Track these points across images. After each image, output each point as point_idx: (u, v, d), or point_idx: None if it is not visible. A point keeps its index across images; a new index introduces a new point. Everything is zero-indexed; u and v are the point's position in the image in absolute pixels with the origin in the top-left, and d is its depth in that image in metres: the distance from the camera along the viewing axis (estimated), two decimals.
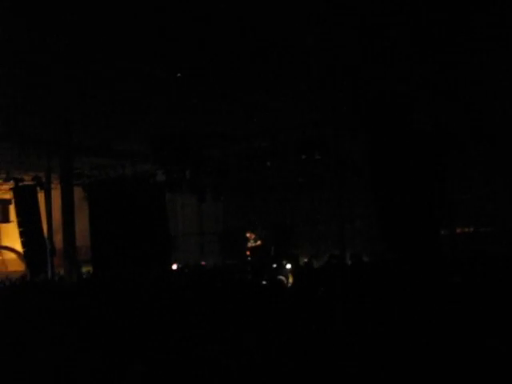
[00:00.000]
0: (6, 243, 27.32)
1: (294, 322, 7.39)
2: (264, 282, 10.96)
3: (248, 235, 21.17)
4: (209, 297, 9.37)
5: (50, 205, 20.56)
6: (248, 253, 20.90)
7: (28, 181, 21.04)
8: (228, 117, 17.92)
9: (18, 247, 22.48)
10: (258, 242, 21.63)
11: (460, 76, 14.89)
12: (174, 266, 19.82)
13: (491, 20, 12.11)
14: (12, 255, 26.83)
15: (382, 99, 13.84)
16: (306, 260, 17.27)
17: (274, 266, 17.04)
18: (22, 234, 20.54)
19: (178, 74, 14.52)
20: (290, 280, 14.27)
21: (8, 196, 23.67)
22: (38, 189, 20.74)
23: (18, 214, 20.97)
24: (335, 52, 13.58)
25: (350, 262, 14.75)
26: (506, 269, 8.69)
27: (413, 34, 12.58)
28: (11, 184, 21.21)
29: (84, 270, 19.47)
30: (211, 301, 8.93)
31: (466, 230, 19.03)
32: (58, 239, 19.89)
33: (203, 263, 19.60)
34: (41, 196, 20.91)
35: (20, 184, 20.91)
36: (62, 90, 15.07)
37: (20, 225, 20.71)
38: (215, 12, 11.33)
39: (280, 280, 12.26)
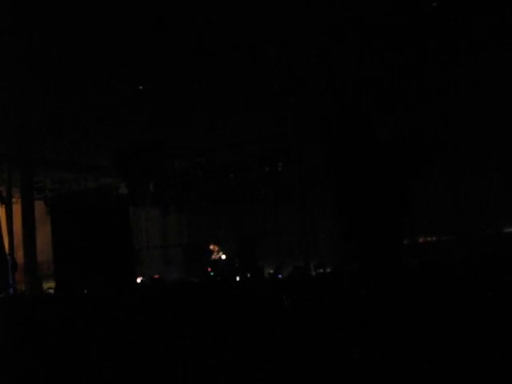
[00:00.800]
0: None
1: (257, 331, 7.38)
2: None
3: (211, 247, 21.07)
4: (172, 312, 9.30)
5: (11, 219, 20.25)
6: (209, 269, 20.68)
7: None
8: (191, 129, 17.90)
9: None
10: (222, 255, 21.52)
11: (423, 85, 15.06)
12: (139, 280, 19.66)
13: (456, 28, 12.31)
14: None
15: (344, 110, 13.95)
16: (270, 271, 17.28)
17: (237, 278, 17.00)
18: None
19: (140, 87, 14.48)
20: None
21: None
22: None
23: None
24: (297, 64, 13.68)
25: (314, 273, 14.80)
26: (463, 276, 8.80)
27: (375, 44, 12.71)
28: None
29: (46, 285, 19.20)
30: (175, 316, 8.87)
31: (429, 239, 19.19)
32: (19, 255, 19.60)
33: (156, 276, 19.37)
34: (1, 211, 20.60)
35: None
36: (24, 103, 14.93)
37: None
38: (177, 26, 11.35)
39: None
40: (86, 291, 15.45)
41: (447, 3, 11.57)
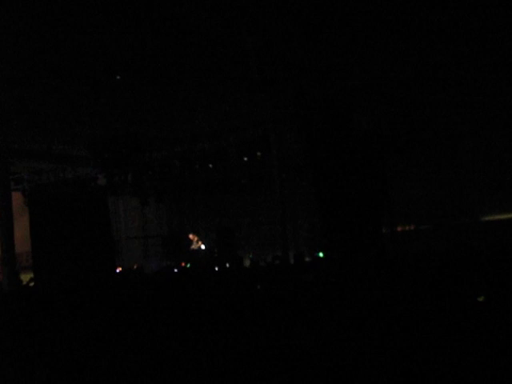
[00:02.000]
0: None
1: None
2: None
3: (191, 237, 21.07)
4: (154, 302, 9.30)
5: None
6: (183, 264, 20.64)
7: None
8: (170, 118, 17.85)
9: None
10: (202, 245, 21.54)
11: (399, 79, 15.16)
12: (118, 271, 19.61)
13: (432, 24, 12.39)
14: None
15: (323, 100, 13.99)
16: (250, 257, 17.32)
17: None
18: None
19: (118, 77, 14.40)
20: None
21: None
22: None
23: None
24: (276, 54, 13.68)
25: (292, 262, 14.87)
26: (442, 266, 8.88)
27: (357, 36, 12.77)
28: None
29: (24, 277, 19.07)
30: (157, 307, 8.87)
31: (407, 227, 19.36)
32: None
33: (136, 266, 19.30)
34: None
35: None
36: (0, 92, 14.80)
37: None
38: (155, 16, 11.31)
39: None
40: (64, 282, 15.39)
41: None
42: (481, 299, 6.65)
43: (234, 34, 12.46)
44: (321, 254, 16.07)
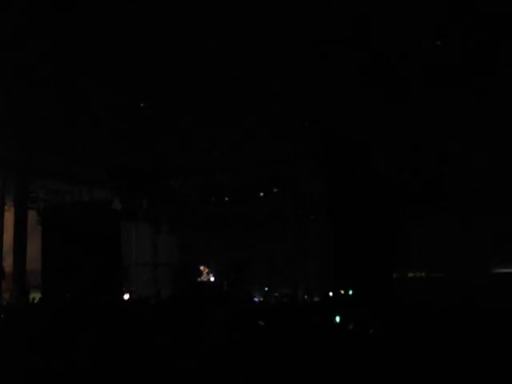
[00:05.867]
0: None
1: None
2: None
3: (202, 268, 21.00)
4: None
5: (2, 227, 20.17)
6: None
7: None
8: (189, 149, 17.94)
9: None
10: (211, 277, 21.46)
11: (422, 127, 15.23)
12: (126, 296, 19.55)
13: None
14: None
15: (345, 143, 14.08)
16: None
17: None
18: None
19: (142, 104, 14.52)
20: None
21: None
22: None
23: None
24: (304, 96, 13.78)
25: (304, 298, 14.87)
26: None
27: (380, 85, 12.86)
28: None
29: (32, 295, 19.06)
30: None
31: (418, 274, 19.31)
32: (7, 263, 19.48)
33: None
34: None
35: None
36: (21, 112, 14.94)
37: None
38: (181, 49, 11.44)
39: None
40: (70, 302, 15.38)
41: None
42: None
43: (259, 75, 12.58)
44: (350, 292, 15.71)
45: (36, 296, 18.79)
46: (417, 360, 6.61)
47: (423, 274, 19.24)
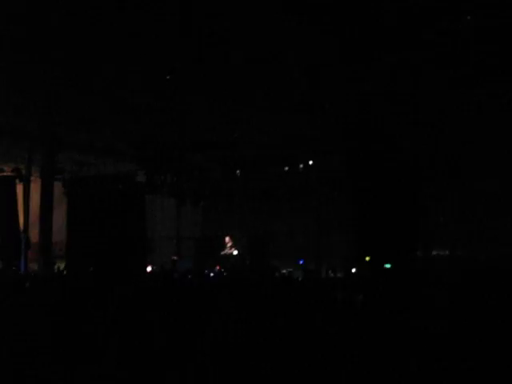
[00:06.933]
0: None
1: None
2: None
3: (227, 240, 21.08)
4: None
5: (29, 198, 20.35)
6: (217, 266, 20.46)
7: (8, 172, 20.81)
8: (213, 123, 17.93)
9: None
10: (234, 251, 21.56)
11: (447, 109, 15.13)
12: (149, 268, 19.72)
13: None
14: None
15: (368, 121, 14.00)
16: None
17: None
18: None
19: (168, 77, 14.49)
20: None
21: None
22: (17, 181, 20.51)
23: None
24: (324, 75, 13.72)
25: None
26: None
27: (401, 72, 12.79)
28: None
29: (58, 264, 19.28)
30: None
31: (442, 253, 19.31)
32: (33, 233, 19.69)
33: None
34: (19, 188, 20.68)
35: None
36: (48, 84, 15.00)
37: None
38: (200, 30, 11.42)
39: None
40: (94, 274, 15.53)
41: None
42: None
43: (282, 52, 12.58)
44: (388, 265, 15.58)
45: (61, 265, 19.04)
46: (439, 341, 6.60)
47: (447, 253, 19.24)
